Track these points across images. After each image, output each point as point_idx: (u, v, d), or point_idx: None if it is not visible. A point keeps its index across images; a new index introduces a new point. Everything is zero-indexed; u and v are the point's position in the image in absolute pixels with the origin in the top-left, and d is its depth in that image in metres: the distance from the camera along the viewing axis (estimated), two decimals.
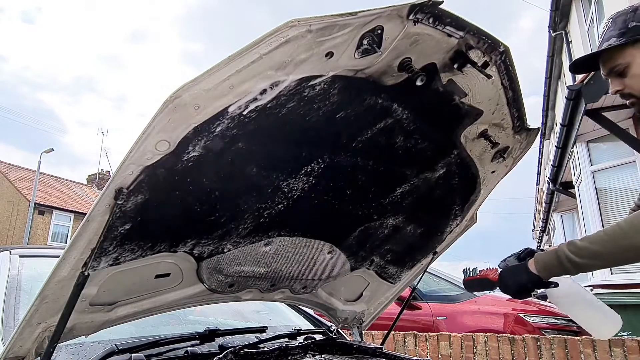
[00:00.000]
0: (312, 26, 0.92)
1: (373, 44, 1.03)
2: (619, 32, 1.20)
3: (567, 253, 1.19)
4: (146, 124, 0.94)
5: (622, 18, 1.21)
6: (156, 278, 1.39)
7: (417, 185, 1.60)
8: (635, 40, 1.19)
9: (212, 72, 0.91)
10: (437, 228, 1.87)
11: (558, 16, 9.63)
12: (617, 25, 1.21)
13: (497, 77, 1.31)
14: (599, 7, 7.89)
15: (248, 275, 1.60)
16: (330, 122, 1.19)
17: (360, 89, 1.15)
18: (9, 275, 1.62)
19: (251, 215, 1.35)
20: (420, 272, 2.06)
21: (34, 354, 1.21)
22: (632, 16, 1.20)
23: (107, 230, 1.06)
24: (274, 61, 0.95)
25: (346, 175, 1.41)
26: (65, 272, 1.09)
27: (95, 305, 1.31)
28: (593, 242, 1.17)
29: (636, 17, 1.19)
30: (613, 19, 1.24)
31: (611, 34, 1.22)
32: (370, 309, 2.15)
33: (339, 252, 1.75)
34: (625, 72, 1.23)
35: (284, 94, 1.03)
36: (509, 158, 1.67)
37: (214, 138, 1.04)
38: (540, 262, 1.26)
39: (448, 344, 3.84)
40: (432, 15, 1.07)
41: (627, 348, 3.32)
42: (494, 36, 1.21)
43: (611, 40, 1.21)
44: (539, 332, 4.51)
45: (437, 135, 1.45)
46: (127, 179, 1.01)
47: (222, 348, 1.48)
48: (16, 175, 23.67)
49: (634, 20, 1.19)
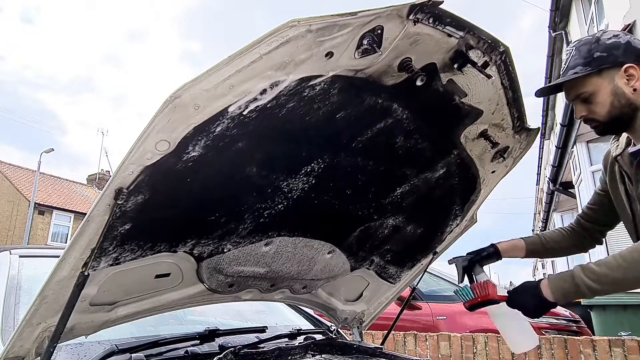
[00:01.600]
0: (312, 26, 0.92)
1: (373, 44, 1.03)
2: (584, 61, 1.25)
3: (587, 281, 1.19)
4: (146, 124, 0.94)
5: (587, 47, 1.27)
6: (156, 278, 1.39)
7: (417, 185, 1.60)
8: (600, 70, 1.24)
9: (212, 72, 0.91)
10: (437, 228, 1.87)
11: (558, 16, 9.64)
12: (581, 54, 1.26)
13: (497, 77, 1.31)
14: (599, 7, 7.89)
15: (248, 275, 1.60)
16: (330, 122, 1.19)
17: (360, 89, 1.15)
18: (9, 275, 1.62)
19: (251, 215, 1.35)
20: (420, 272, 2.06)
21: (34, 354, 1.21)
22: (596, 46, 1.25)
23: (107, 230, 1.06)
24: (274, 61, 0.95)
25: (346, 175, 1.41)
26: (65, 272, 1.09)
27: (95, 305, 1.31)
28: (612, 268, 1.18)
29: (600, 47, 1.25)
30: (577, 47, 1.29)
31: (577, 62, 1.27)
32: (370, 309, 2.15)
33: (339, 252, 1.75)
34: (591, 99, 1.28)
35: (284, 94, 1.03)
36: (509, 158, 1.67)
37: (214, 138, 1.04)
38: (557, 289, 1.24)
39: (448, 344, 3.84)
40: (432, 15, 1.07)
41: (627, 348, 3.31)
42: (494, 36, 1.21)
43: (577, 68, 1.26)
44: (539, 332, 4.51)
45: (437, 135, 1.45)
46: (127, 179, 1.01)
47: (222, 348, 1.48)
48: (16, 175, 23.67)
49: (598, 50, 1.25)
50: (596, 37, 1.27)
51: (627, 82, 1.23)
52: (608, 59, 1.23)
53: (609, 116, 1.27)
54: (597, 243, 1.62)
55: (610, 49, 1.24)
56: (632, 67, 1.23)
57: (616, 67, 1.23)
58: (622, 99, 1.24)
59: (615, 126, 1.30)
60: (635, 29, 5.74)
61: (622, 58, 1.23)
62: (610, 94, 1.24)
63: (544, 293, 1.25)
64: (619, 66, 1.23)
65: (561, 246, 1.64)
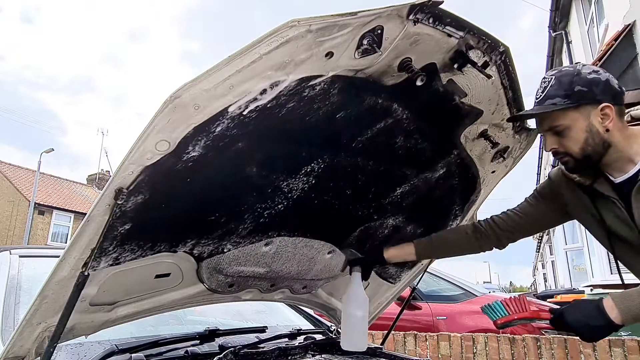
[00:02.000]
0: (312, 26, 0.92)
1: (373, 44, 1.03)
2: (564, 94, 1.21)
3: None
4: (146, 124, 0.94)
5: (568, 79, 1.22)
6: (156, 278, 1.39)
7: (417, 185, 1.60)
8: (578, 105, 1.21)
9: (212, 72, 0.91)
10: (437, 228, 1.86)
11: (558, 16, 9.65)
12: (562, 86, 1.22)
13: (497, 77, 1.31)
14: (599, 7, 7.90)
15: (248, 275, 1.60)
16: (330, 122, 1.19)
17: (360, 89, 1.15)
18: (9, 275, 1.62)
19: (251, 215, 1.35)
20: (420, 272, 2.06)
21: (34, 354, 1.21)
22: (578, 79, 1.21)
23: (107, 230, 1.06)
24: (274, 61, 0.95)
25: (346, 175, 1.41)
26: (65, 272, 1.09)
27: (95, 305, 1.31)
28: None
29: (581, 81, 1.21)
30: (557, 77, 1.24)
31: (556, 93, 1.22)
32: (370, 309, 2.15)
33: (339, 252, 1.75)
34: (564, 133, 1.24)
35: (284, 94, 1.03)
36: (509, 158, 1.67)
37: (214, 138, 1.04)
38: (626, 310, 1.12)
39: (448, 344, 3.84)
40: (432, 15, 1.07)
41: (627, 348, 3.31)
42: (494, 36, 1.21)
43: (556, 99, 1.22)
44: (539, 332, 4.51)
45: (437, 135, 1.45)
46: (127, 179, 1.01)
47: (222, 348, 1.48)
48: (16, 175, 23.66)
49: (578, 83, 1.21)
50: (577, 69, 1.23)
51: (601, 120, 1.21)
52: (588, 94, 1.20)
53: (581, 153, 1.24)
54: (498, 248, 1.58)
55: (590, 84, 1.20)
56: (608, 107, 1.20)
57: (594, 104, 1.20)
58: (595, 138, 1.22)
59: (586, 163, 1.26)
60: (635, 29, 5.75)
61: (600, 96, 1.20)
62: (585, 131, 1.22)
63: (610, 314, 1.13)
64: (597, 104, 1.20)
65: (461, 248, 1.61)
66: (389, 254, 1.65)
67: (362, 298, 1.58)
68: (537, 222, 1.51)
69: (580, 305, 1.20)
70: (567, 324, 1.18)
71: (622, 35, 5.69)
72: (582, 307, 1.18)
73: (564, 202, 1.41)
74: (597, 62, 5.62)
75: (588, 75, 1.21)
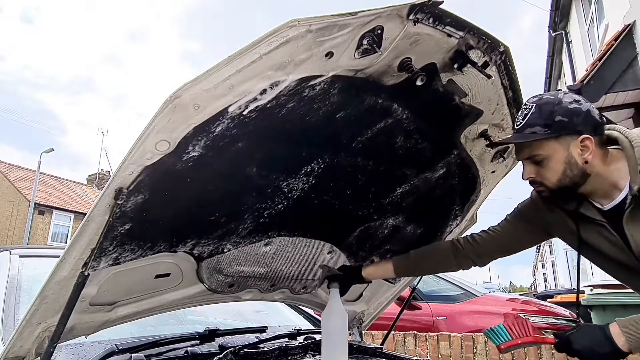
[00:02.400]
0: (312, 26, 0.92)
1: (373, 44, 1.03)
2: (544, 123, 1.18)
3: None
4: (146, 124, 0.94)
5: (548, 108, 1.19)
6: (156, 278, 1.39)
7: (417, 185, 1.60)
8: (558, 135, 1.18)
9: (212, 72, 0.91)
10: (437, 228, 1.87)
11: (558, 16, 9.64)
12: (542, 115, 1.19)
13: (497, 77, 1.31)
14: (599, 7, 7.89)
15: (248, 275, 1.60)
16: (330, 122, 1.19)
17: (360, 89, 1.15)
18: (9, 275, 1.62)
19: (251, 215, 1.35)
20: None
21: (34, 354, 1.21)
22: (559, 109, 1.18)
23: (107, 230, 1.06)
24: (274, 61, 0.95)
25: (346, 175, 1.41)
26: (65, 272, 1.09)
27: (95, 305, 1.31)
28: None
29: (562, 110, 1.18)
30: (538, 105, 1.21)
31: (536, 122, 1.19)
32: (370, 309, 2.15)
33: (339, 252, 1.75)
34: (543, 163, 1.22)
35: (284, 94, 1.03)
36: (509, 158, 1.67)
37: (214, 138, 1.04)
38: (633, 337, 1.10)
39: (448, 344, 3.84)
40: (432, 15, 1.07)
41: None
42: (494, 36, 1.21)
43: (536, 128, 1.19)
44: (539, 332, 4.51)
45: (437, 135, 1.45)
46: (127, 179, 1.01)
47: (222, 348, 1.48)
48: (16, 175, 23.66)
49: (559, 113, 1.18)
50: (558, 98, 1.20)
51: (580, 152, 1.18)
52: (568, 125, 1.17)
53: (558, 184, 1.22)
54: (477, 266, 1.56)
55: (571, 114, 1.17)
56: (588, 139, 1.17)
57: (574, 135, 1.18)
58: (574, 169, 1.19)
59: (562, 194, 1.25)
60: (635, 29, 5.74)
61: (581, 127, 1.17)
62: (564, 162, 1.19)
63: (617, 341, 1.10)
64: (577, 135, 1.17)
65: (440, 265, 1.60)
66: (367, 272, 1.64)
67: (341, 313, 1.55)
68: (517, 242, 1.49)
69: (587, 330, 1.18)
70: (573, 350, 1.16)
71: (622, 35, 5.68)
72: (589, 333, 1.16)
73: (546, 222, 1.39)
74: (597, 62, 5.62)
75: (569, 105, 1.18)
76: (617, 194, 1.21)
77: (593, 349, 1.13)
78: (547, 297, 8.86)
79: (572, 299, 7.72)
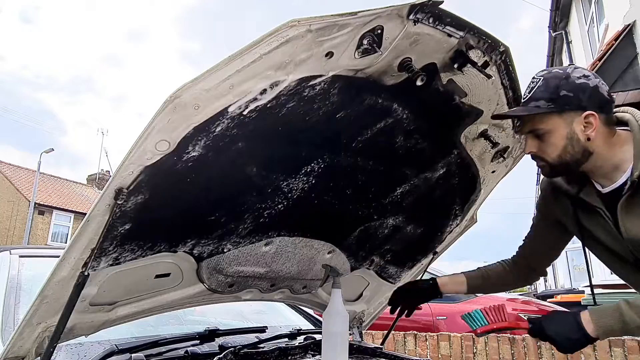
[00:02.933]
0: (312, 26, 0.92)
1: (373, 44, 1.03)
2: (549, 97, 1.18)
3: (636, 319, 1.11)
4: (146, 124, 0.94)
5: (555, 83, 1.18)
6: (156, 278, 1.39)
7: (417, 185, 1.60)
8: (562, 110, 1.17)
9: (212, 72, 0.91)
10: (437, 228, 1.87)
11: (558, 16, 9.65)
12: (548, 89, 1.18)
13: (497, 77, 1.31)
14: (599, 7, 7.90)
15: (248, 275, 1.60)
16: (330, 122, 1.19)
17: (360, 89, 1.15)
18: (9, 275, 1.62)
19: (251, 215, 1.35)
20: (420, 272, 2.06)
21: (34, 354, 1.21)
22: (565, 83, 1.17)
23: (107, 230, 1.06)
24: (274, 61, 0.95)
25: (346, 175, 1.41)
26: (65, 272, 1.09)
27: (95, 305, 1.31)
28: None
29: (568, 85, 1.17)
30: (545, 78, 1.21)
31: (542, 96, 1.19)
32: (370, 309, 2.15)
33: (339, 252, 1.75)
34: (544, 137, 1.21)
35: (284, 94, 1.03)
36: (509, 158, 1.67)
37: (214, 138, 1.04)
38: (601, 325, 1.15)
39: (448, 344, 3.84)
40: (432, 15, 1.07)
41: (627, 348, 3.32)
42: (494, 36, 1.21)
43: (540, 102, 1.19)
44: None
45: (437, 135, 1.45)
46: (127, 179, 1.01)
47: (222, 348, 1.48)
48: (16, 175, 23.67)
49: (565, 88, 1.17)
50: (567, 72, 1.20)
51: (583, 128, 1.17)
52: (573, 100, 1.16)
53: (558, 160, 1.21)
54: (542, 275, 1.58)
55: (577, 90, 1.17)
56: (592, 115, 1.16)
57: (578, 111, 1.17)
58: (575, 146, 1.19)
59: (563, 170, 1.24)
60: (635, 29, 5.75)
61: (586, 103, 1.16)
62: (565, 138, 1.19)
63: (587, 328, 1.15)
64: (581, 111, 1.17)
65: (505, 282, 1.61)
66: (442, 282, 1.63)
67: (342, 314, 1.54)
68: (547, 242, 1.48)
69: (559, 317, 1.22)
70: (546, 335, 1.20)
71: (622, 35, 5.69)
72: (561, 320, 1.20)
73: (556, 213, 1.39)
74: (597, 61, 5.62)
75: (577, 80, 1.18)
76: (619, 176, 1.20)
77: (564, 335, 1.17)
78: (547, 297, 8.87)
79: (572, 299, 7.72)
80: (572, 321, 1.17)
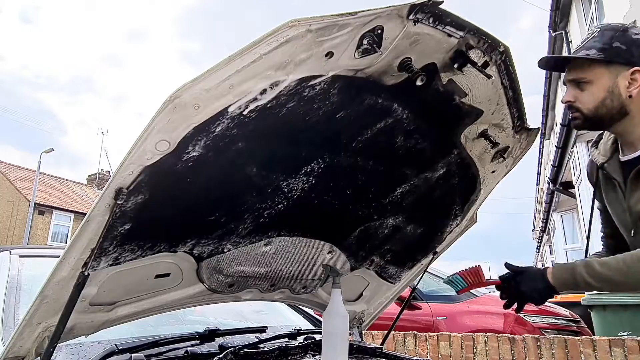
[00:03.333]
0: (312, 26, 0.92)
1: (373, 44, 1.03)
2: (601, 47, 1.17)
3: (586, 277, 1.20)
4: (146, 124, 0.94)
5: (610, 34, 1.17)
6: (156, 278, 1.39)
7: (417, 185, 1.60)
8: (610, 61, 1.16)
9: (212, 72, 0.91)
10: (437, 228, 1.87)
11: (558, 16, 9.64)
12: (602, 39, 1.17)
13: (497, 77, 1.31)
14: (599, 7, 7.89)
15: (248, 275, 1.60)
16: (330, 122, 1.19)
17: (360, 89, 1.15)
18: (9, 275, 1.62)
19: (251, 215, 1.35)
20: (420, 272, 2.06)
21: (34, 354, 1.21)
22: (620, 35, 1.16)
23: (107, 230, 1.06)
24: (274, 61, 0.95)
25: (346, 175, 1.41)
26: (65, 272, 1.09)
27: (95, 305, 1.31)
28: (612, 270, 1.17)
29: (623, 38, 1.16)
30: (602, 29, 1.20)
31: (594, 45, 1.18)
32: (370, 309, 2.15)
33: (339, 252, 1.75)
34: (585, 87, 1.20)
35: (284, 94, 1.03)
36: (509, 158, 1.67)
37: (214, 138, 1.04)
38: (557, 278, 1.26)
39: (448, 344, 3.84)
40: (432, 15, 1.07)
41: (627, 348, 3.31)
42: (494, 36, 1.21)
43: (591, 51, 1.17)
44: (539, 332, 4.51)
45: (437, 135, 1.45)
46: (127, 179, 1.01)
47: (222, 348, 1.48)
48: (16, 175, 23.67)
49: (619, 40, 1.15)
50: (625, 26, 1.18)
51: (628, 84, 1.16)
52: (624, 53, 1.14)
53: (594, 111, 1.20)
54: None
55: (631, 43, 1.14)
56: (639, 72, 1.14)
57: (627, 66, 1.15)
58: (615, 101, 1.17)
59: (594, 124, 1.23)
60: None
61: (637, 59, 1.14)
62: (606, 90, 1.17)
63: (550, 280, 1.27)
64: (629, 66, 1.15)
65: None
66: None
67: (342, 314, 1.55)
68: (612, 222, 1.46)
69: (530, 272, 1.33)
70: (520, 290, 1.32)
71: None
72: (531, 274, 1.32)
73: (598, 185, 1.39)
74: None
75: (634, 35, 1.16)
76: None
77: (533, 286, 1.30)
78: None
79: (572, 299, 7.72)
80: (539, 274, 1.29)
